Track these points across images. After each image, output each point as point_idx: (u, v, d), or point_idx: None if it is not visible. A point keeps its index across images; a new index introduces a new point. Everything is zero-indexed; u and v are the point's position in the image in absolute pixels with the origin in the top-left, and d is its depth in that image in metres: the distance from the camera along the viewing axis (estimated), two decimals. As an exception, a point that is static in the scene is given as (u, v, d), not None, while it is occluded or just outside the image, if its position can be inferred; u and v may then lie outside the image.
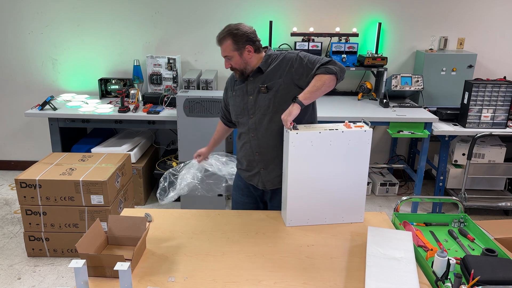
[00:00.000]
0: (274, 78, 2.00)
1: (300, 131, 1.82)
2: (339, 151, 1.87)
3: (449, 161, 3.82)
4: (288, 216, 1.94)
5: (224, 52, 2.00)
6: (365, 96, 4.05)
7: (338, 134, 1.85)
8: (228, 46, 1.98)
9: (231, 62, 2.02)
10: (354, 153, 1.89)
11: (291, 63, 1.98)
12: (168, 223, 1.98)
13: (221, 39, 1.98)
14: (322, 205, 1.95)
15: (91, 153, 3.34)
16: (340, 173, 1.91)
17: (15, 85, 4.22)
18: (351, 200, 1.96)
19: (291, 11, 4.00)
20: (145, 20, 4.03)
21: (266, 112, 2.01)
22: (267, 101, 2.01)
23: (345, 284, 1.57)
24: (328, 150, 1.85)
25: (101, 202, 2.78)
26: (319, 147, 1.84)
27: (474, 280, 1.49)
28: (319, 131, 1.83)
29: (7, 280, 2.75)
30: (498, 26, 4.06)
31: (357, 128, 1.88)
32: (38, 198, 2.77)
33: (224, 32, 1.98)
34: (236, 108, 2.11)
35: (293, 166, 1.85)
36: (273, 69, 2.02)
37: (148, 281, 1.56)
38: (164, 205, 3.86)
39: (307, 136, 1.82)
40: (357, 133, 1.87)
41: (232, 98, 2.14)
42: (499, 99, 3.43)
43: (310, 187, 1.90)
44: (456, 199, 2.25)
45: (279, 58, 2.02)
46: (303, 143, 1.82)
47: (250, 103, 2.05)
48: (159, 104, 3.73)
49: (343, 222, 1.99)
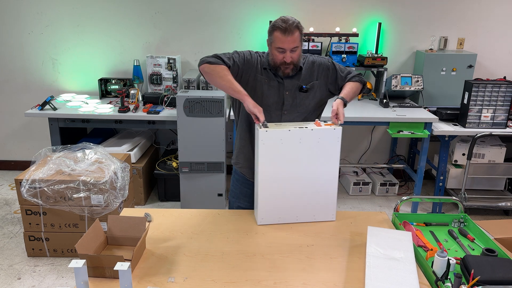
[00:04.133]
0: (311, 79, 2.08)
1: (270, 129, 1.84)
2: (309, 149, 1.88)
3: (449, 161, 3.82)
4: (260, 214, 1.95)
5: (293, 43, 1.94)
6: (365, 96, 4.05)
7: (308, 132, 1.86)
8: (297, 37, 1.95)
9: (294, 55, 1.97)
10: (324, 151, 1.90)
11: (327, 68, 2.10)
12: (168, 223, 1.98)
13: (293, 30, 1.92)
14: (293, 203, 1.96)
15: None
16: (311, 171, 1.92)
17: (15, 85, 4.22)
18: (322, 198, 1.97)
19: (291, 11, 4.00)
20: (145, 20, 4.03)
21: (304, 111, 2.07)
22: (307, 100, 2.07)
23: (345, 284, 1.57)
24: (298, 148, 1.87)
25: (101, 202, 2.78)
26: (289, 145, 1.86)
27: (474, 280, 1.49)
28: (289, 129, 1.84)
29: (7, 280, 2.75)
30: (498, 26, 4.06)
31: (327, 126, 1.89)
32: (38, 198, 2.77)
33: (291, 22, 1.92)
34: (268, 98, 2.05)
35: (264, 164, 1.87)
36: (308, 70, 2.08)
37: (148, 281, 1.56)
38: (164, 205, 3.87)
39: (276, 134, 1.83)
40: (327, 131, 1.88)
41: (262, 84, 2.04)
42: (499, 99, 3.43)
43: (281, 185, 1.92)
44: (456, 199, 2.25)
45: (308, 61, 2.10)
46: (273, 140, 1.84)
47: (288, 99, 2.05)
48: (159, 104, 3.73)
49: (315, 220, 2.00)
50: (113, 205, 2.80)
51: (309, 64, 2.10)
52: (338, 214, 2.09)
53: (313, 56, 2.15)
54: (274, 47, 1.97)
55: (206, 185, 3.48)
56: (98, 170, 2.83)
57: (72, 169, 2.81)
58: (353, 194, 4.13)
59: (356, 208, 3.87)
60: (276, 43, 1.95)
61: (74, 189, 2.75)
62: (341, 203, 3.97)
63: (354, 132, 4.37)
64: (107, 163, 2.89)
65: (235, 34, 4.08)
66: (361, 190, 4.13)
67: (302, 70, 2.07)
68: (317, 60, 2.12)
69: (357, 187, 4.12)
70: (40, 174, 2.76)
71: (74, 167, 2.82)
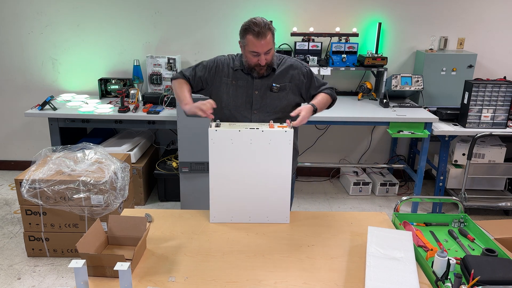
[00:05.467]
0: (284, 80, 2.11)
1: (221, 128, 1.86)
2: (260, 150, 1.88)
3: (449, 161, 3.82)
4: (212, 212, 1.97)
5: (267, 46, 1.97)
6: (365, 96, 4.05)
7: (258, 133, 1.85)
8: (270, 39, 1.98)
9: (268, 56, 2.01)
10: (276, 154, 1.89)
11: (303, 74, 2.14)
12: (168, 223, 1.98)
13: (265, 32, 1.95)
14: (245, 203, 1.96)
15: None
16: (262, 173, 1.92)
17: (15, 85, 4.22)
18: (275, 200, 1.96)
19: (291, 11, 4.00)
20: (145, 20, 4.03)
21: (273, 111, 2.09)
22: (277, 101, 2.09)
23: (345, 284, 1.57)
24: (249, 148, 1.87)
25: (101, 203, 2.78)
26: (239, 145, 1.86)
27: (474, 280, 1.50)
28: (239, 129, 1.85)
29: (7, 280, 2.75)
30: (498, 26, 4.06)
31: (279, 128, 1.88)
32: (39, 198, 2.77)
33: (263, 25, 1.95)
34: (236, 98, 2.11)
35: (214, 163, 1.89)
36: (282, 71, 2.11)
37: (148, 281, 1.56)
38: (164, 205, 3.87)
39: (226, 133, 1.85)
40: (278, 133, 1.86)
41: (228, 85, 2.12)
42: (499, 99, 3.43)
43: (232, 185, 1.93)
44: (456, 199, 2.25)
45: (286, 63, 2.13)
46: (223, 140, 1.85)
47: (256, 98, 2.09)
48: (159, 104, 3.73)
49: (268, 221, 1.99)
50: (113, 205, 2.80)
51: (286, 66, 2.13)
52: (339, 214, 2.10)
53: (292, 59, 2.18)
54: (247, 51, 2.01)
55: (206, 185, 3.45)
56: (98, 170, 2.83)
57: (72, 169, 2.81)
58: (353, 194, 4.13)
59: (356, 208, 3.87)
60: (249, 47, 1.99)
61: (74, 189, 2.75)
62: (341, 203, 3.97)
63: (354, 132, 4.37)
64: (107, 163, 2.89)
65: (235, 34, 4.02)
66: (361, 190, 4.13)
67: (276, 71, 2.10)
68: (295, 63, 2.15)
69: (357, 187, 4.12)
70: (40, 174, 2.76)
71: (74, 168, 2.82)
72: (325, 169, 4.50)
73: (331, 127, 4.29)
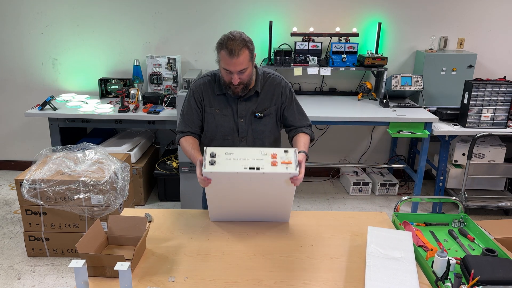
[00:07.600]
0: (269, 103, 2.03)
1: (216, 169, 1.65)
2: (260, 188, 1.75)
3: (449, 161, 3.82)
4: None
5: (241, 65, 1.80)
6: (365, 96, 4.05)
7: (259, 175, 1.65)
8: (245, 57, 1.80)
9: (242, 76, 1.85)
10: (277, 192, 1.78)
11: (285, 97, 2.04)
12: (168, 223, 1.98)
13: (240, 51, 1.77)
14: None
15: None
16: (262, 206, 1.89)
17: (15, 85, 4.22)
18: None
19: (291, 11, 4.00)
20: (145, 20, 4.03)
21: (260, 137, 2.05)
22: (262, 126, 2.04)
23: (345, 284, 1.57)
24: (249, 185, 1.73)
25: (101, 203, 2.79)
26: (237, 182, 1.72)
27: (474, 280, 1.50)
28: (237, 171, 1.64)
29: (7, 280, 2.75)
30: (498, 26, 4.06)
31: (282, 169, 1.66)
32: (39, 198, 2.77)
33: (239, 42, 1.78)
34: (222, 128, 2.02)
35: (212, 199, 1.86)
36: (266, 93, 2.02)
37: (148, 281, 1.56)
38: (164, 205, 3.87)
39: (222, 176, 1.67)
40: (280, 176, 1.67)
41: (213, 115, 2.01)
42: (499, 99, 3.43)
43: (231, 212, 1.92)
44: (456, 199, 2.25)
45: (272, 82, 2.02)
46: (219, 180, 1.70)
47: (242, 126, 2.02)
48: (159, 104, 3.73)
49: (268, 221, 1.98)
50: (113, 205, 2.81)
51: (271, 86, 2.02)
52: (339, 214, 2.10)
53: (276, 77, 2.04)
54: (221, 67, 1.87)
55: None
56: (98, 171, 2.83)
57: (72, 170, 2.81)
58: (353, 194, 4.13)
59: (356, 208, 3.87)
60: (222, 64, 1.84)
61: (74, 190, 2.75)
62: (341, 203, 3.97)
63: (354, 132, 4.37)
64: (107, 163, 2.89)
65: (235, 34, 4.07)
66: (361, 190, 4.13)
67: (260, 94, 1.99)
68: (282, 83, 2.03)
69: (357, 187, 4.12)
70: (41, 174, 2.76)
71: (74, 168, 2.82)
72: (325, 169, 4.50)
73: (331, 127, 4.29)
